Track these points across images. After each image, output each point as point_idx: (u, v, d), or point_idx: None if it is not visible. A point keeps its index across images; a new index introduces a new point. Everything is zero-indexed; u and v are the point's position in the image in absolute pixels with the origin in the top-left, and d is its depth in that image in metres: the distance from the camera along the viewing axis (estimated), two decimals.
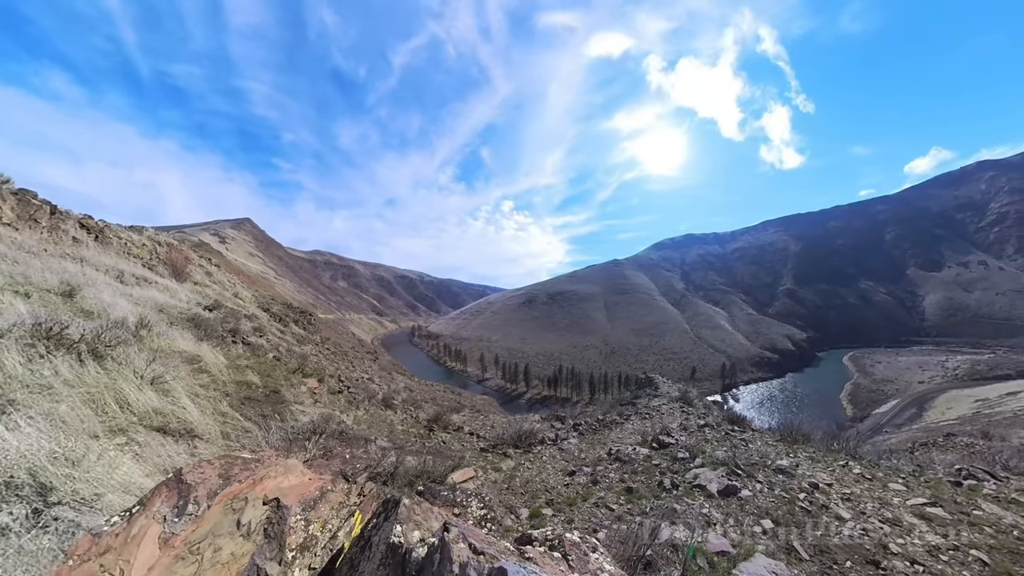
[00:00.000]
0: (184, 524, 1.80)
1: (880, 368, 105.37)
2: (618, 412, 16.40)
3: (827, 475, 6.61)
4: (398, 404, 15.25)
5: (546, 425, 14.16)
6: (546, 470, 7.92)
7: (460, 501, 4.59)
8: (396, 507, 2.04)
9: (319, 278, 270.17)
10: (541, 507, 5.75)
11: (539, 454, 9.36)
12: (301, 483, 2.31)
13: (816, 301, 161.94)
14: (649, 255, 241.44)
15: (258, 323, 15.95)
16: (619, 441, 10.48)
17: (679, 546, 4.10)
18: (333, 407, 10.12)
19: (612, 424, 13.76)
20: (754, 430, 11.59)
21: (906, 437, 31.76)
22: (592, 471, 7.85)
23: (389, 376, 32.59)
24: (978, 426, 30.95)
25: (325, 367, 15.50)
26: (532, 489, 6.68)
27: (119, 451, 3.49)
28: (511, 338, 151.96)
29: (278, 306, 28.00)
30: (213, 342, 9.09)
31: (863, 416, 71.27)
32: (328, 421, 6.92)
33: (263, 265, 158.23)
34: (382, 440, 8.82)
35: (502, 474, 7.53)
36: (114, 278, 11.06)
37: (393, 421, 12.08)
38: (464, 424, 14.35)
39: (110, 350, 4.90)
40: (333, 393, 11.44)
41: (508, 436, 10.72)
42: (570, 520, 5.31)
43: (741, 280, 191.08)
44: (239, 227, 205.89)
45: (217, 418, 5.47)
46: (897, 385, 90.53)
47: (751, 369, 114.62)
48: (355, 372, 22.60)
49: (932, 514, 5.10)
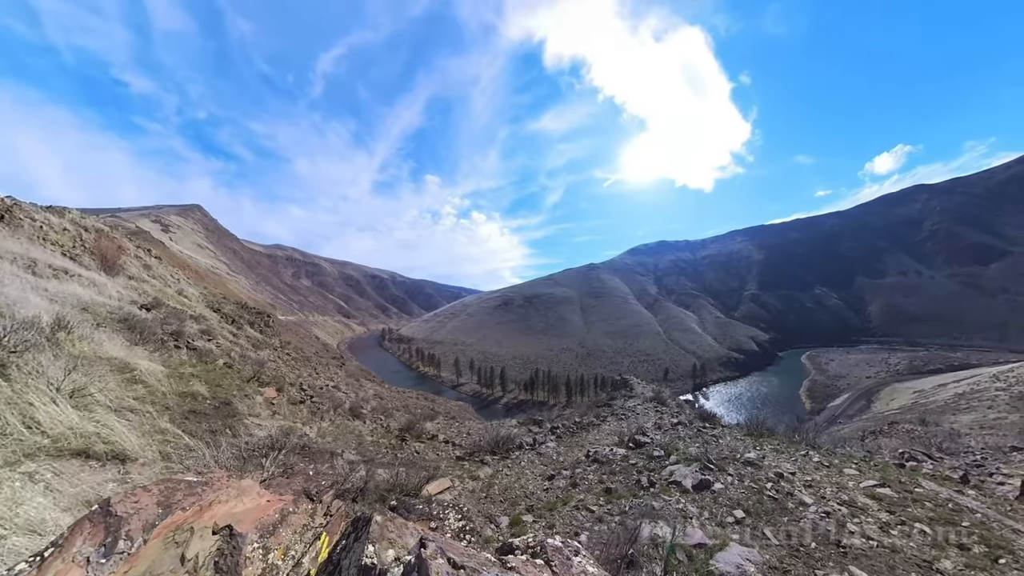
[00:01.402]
0: (113, 565, 1.58)
1: (833, 365, 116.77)
2: (595, 414, 16.72)
3: (791, 465, 7.08)
4: (367, 413, 14.61)
5: (523, 430, 14.14)
6: (525, 476, 7.89)
7: (437, 514, 4.44)
8: (367, 525, 1.92)
9: (279, 275, 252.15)
10: (521, 514, 5.70)
11: (517, 460, 9.30)
12: (258, 506, 2.12)
13: (777, 305, 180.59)
14: (624, 260, 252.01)
15: (206, 325, 14.62)
16: (597, 442, 10.66)
17: (659, 542, 4.21)
18: (294, 419, 9.50)
19: (589, 426, 13.99)
20: (724, 426, 12.23)
21: (857, 427, 34.90)
22: (571, 474, 7.91)
23: (357, 383, 31.13)
24: (916, 414, 34.64)
25: (285, 374, 14.55)
26: (512, 496, 6.62)
27: (26, 482, 3.02)
28: (487, 341, 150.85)
29: (231, 306, 25.77)
30: (151, 347, 8.24)
31: (820, 409, 77.50)
32: (288, 435, 6.47)
33: (214, 259, 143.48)
34: (350, 453, 8.39)
35: (480, 482, 7.40)
36: (24, 268, 9.66)
37: (362, 432, 11.54)
38: (439, 432, 14.00)
39: (16, 357, 4.27)
40: (294, 403, 10.74)
41: (485, 443, 10.59)
42: (551, 525, 5.31)
43: (710, 285, 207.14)
44: (186, 214, 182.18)
45: (155, 437, 4.89)
46: (848, 380, 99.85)
47: (720, 369, 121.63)
48: (319, 379, 21.34)
49: (882, 494, 5.61)
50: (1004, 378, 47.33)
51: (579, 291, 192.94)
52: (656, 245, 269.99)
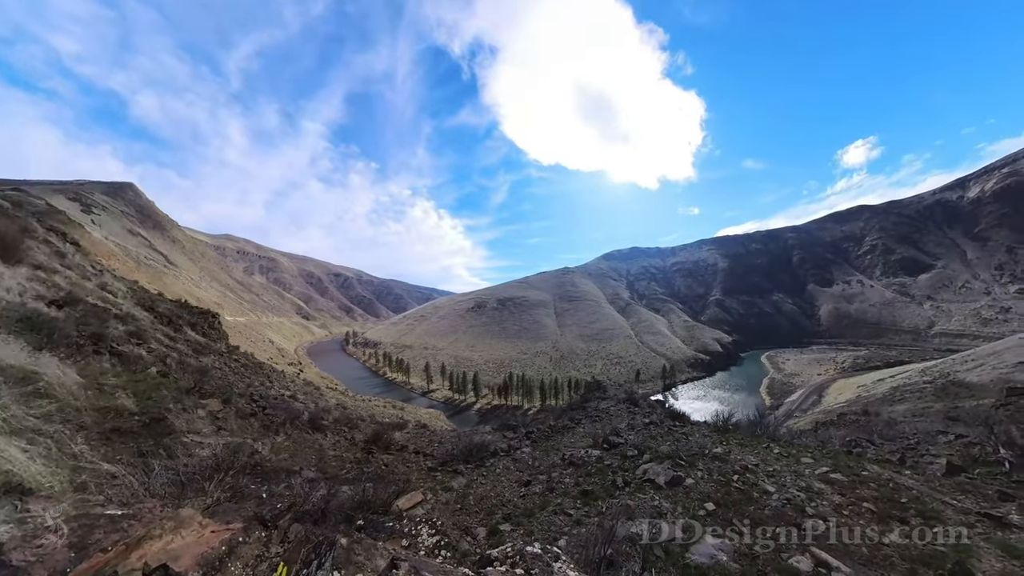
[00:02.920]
0: None
1: (789, 364, 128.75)
2: (569, 417, 16.93)
3: (754, 457, 7.55)
4: (329, 425, 13.80)
5: (498, 436, 14.00)
6: (501, 483, 7.79)
7: (408, 531, 4.23)
8: (331, 550, 1.77)
9: (229, 270, 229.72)
10: (499, 523, 5.62)
11: (492, 467, 9.18)
12: (200, 539, 1.90)
13: (740, 309, 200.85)
14: (598, 264, 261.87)
15: (136, 326, 13.03)
16: (572, 446, 10.77)
17: (637, 540, 4.31)
18: (244, 434, 8.76)
19: (564, 429, 14.13)
20: (692, 424, 12.84)
21: (811, 419, 38.09)
22: (547, 478, 7.92)
23: (317, 392, 29.32)
24: (860, 406, 38.45)
25: (233, 384, 13.42)
26: (488, 505, 6.50)
27: None
28: (459, 345, 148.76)
29: (168, 304, 23.21)
30: (62, 352, 7.23)
31: (778, 405, 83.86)
32: (237, 453, 5.93)
33: (149, 248, 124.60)
34: (309, 470, 7.86)
35: (454, 493, 7.20)
36: None
37: (323, 446, 10.88)
38: (408, 442, 13.50)
39: None
40: (244, 416, 9.90)
41: (458, 451, 10.34)
42: (530, 532, 5.27)
43: (679, 291, 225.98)
44: (116, 194, 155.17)
45: (66, 463, 4.21)
46: (802, 378, 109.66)
47: (688, 369, 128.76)
48: (273, 388, 19.80)
49: (834, 478, 6.15)
50: (930, 373, 53.89)
51: (553, 294, 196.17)
52: (629, 251, 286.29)
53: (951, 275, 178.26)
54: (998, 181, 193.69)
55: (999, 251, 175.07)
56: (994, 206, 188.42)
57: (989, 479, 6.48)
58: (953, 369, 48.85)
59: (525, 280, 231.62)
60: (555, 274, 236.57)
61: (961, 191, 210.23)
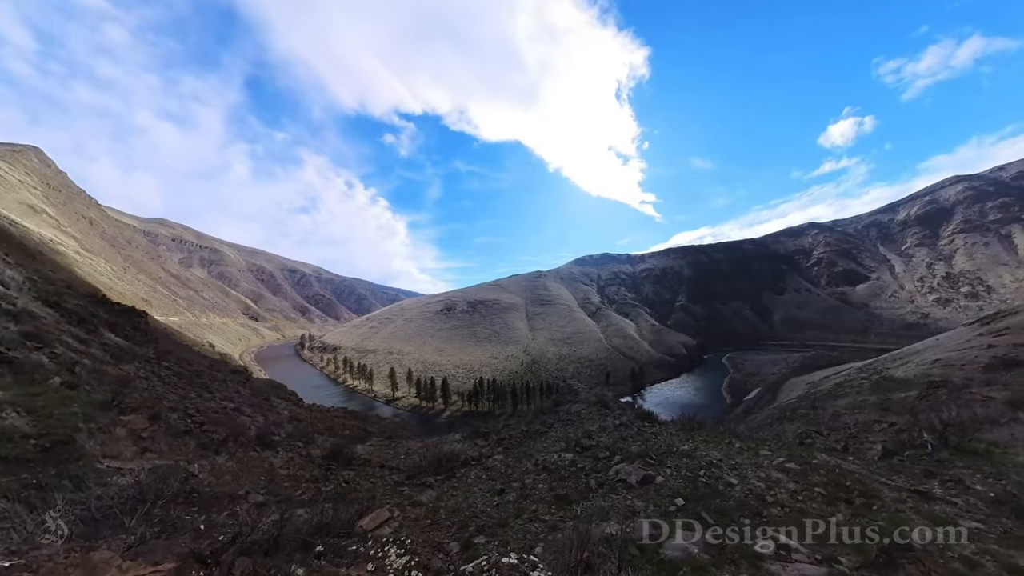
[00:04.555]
0: None
1: (747, 365, 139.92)
2: (542, 422, 16.98)
3: (718, 452, 7.97)
4: (280, 440, 12.83)
5: (469, 444, 13.73)
6: (473, 493, 7.61)
7: (374, 553, 3.97)
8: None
9: (162, 261, 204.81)
10: (472, 536, 5.47)
11: (463, 477, 8.96)
12: None
13: (703, 314, 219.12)
14: (570, 269, 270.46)
15: (35, 326, 11.34)
16: (545, 450, 10.79)
17: (612, 541, 4.37)
18: (176, 455, 7.89)
19: (537, 434, 14.14)
20: (661, 423, 13.35)
21: (767, 415, 41.20)
22: (521, 485, 7.85)
23: (267, 403, 27.09)
24: (809, 401, 42.15)
25: (162, 396, 12.07)
26: (460, 518, 6.30)
27: None
28: (427, 349, 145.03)
29: (79, 300, 20.34)
30: None
31: (738, 402, 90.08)
32: (167, 479, 5.28)
33: (57, 229, 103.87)
34: (258, 493, 7.22)
35: (423, 508, 6.92)
36: None
37: (274, 464, 10.07)
38: (372, 456, 12.85)
39: None
40: (177, 434, 8.92)
41: (427, 463, 9.99)
42: (505, 542, 5.19)
43: (647, 296, 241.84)
44: (14, 159, 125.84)
45: None
46: (759, 377, 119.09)
47: (656, 371, 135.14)
48: (213, 401, 17.98)
49: (789, 468, 6.64)
50: (866, 370, 60.33)
51: (525, 298, 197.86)
52: (601, 256, 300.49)
53: (883, 286, 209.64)
54: (920, 208, 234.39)
55: (920, 266, 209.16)
56: (917, 228, 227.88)
57: (916, 460, 7.35)
58: (885, 367, 55.05)
59: (497, 283, 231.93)
60: (527, 277, 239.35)
61: (892, 214, 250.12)
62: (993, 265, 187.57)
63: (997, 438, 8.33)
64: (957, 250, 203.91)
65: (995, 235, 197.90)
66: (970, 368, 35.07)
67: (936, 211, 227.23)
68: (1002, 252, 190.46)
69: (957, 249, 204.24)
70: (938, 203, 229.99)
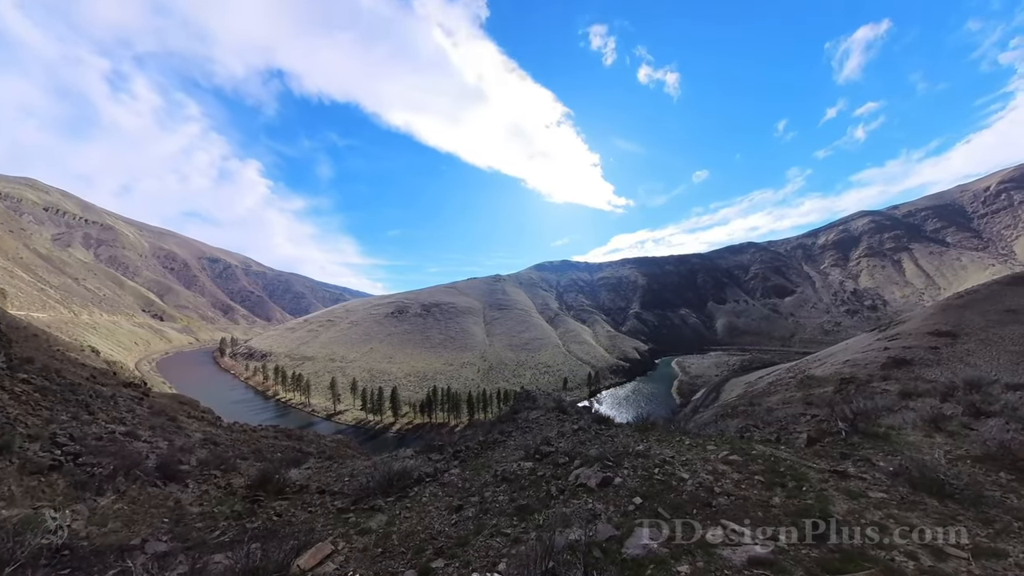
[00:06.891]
0: None
1: (694, 368, 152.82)
2: (499, 430, 16.88)
3: (670, 450, 8.49)
4: (191, 470, 11.25)
5: (422, 459, 13.17)
6: (429, 513, 7.26)
7: None
8: None
9: (24, 236, 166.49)
10: (430, 561, 5.21)
11: (417, 496, 8.55)
12: None
13: (654, 321, 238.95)
14: (530, 274, 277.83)
15: None
16: (503, 460, 10.71)
17: (576, 546, 4.43)
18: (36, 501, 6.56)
19: (495, 444, 14.01)
20: (617, 426, 13.95)
21: (712, 413, 45.08)
22: (480, 499, 7.67)
23: (173, 424, 23.59)
24: (747, 399, 46.92)
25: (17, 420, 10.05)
26: (416, 542, 5.96)
27: None
28: (375, 356, 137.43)
29: None
30: None
31: (687, 403, 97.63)
32: (20, 535, 4.30)
33: None
34: (159, 540, 6.23)
35: (373, 535, 6.43)
36: None
37: (182, 501, 8.78)
38: (310, 480, 11.77)
39: None
40: (38, 472, 7.40)
41: (375, 483, 9.34)
42: (466, 563, 5.04)
43: (603, 303, 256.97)
44: None
45: None
46: (705, 379, 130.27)
47: (611, 376, 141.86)
48: (95, 424, 15.07)
49: (732, 460, 7.28)
50: (793, 370, 68.76)
51: (483, 302, 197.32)
52: (560, 263, 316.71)
53: (806, 299, 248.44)
54: (836, 235, 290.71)
55: (835, 283, 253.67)
56: (833, 251, 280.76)
57: (834, 445, 8.49)
58: (807, 367, 63.22)
59: (454, 285, 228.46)
60: (486, 281, 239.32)
61: (815, 238, 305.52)
62: (888, 284, 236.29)
63: (893, 423, 9.92)
64: (862, 271, 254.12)
65: (890, 260, 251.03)
66: (872, 367, 41.64)
67: (848, 238, 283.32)
68: (894, 273, 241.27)
69: (862, 270, 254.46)
70: (849, 232, 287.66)
